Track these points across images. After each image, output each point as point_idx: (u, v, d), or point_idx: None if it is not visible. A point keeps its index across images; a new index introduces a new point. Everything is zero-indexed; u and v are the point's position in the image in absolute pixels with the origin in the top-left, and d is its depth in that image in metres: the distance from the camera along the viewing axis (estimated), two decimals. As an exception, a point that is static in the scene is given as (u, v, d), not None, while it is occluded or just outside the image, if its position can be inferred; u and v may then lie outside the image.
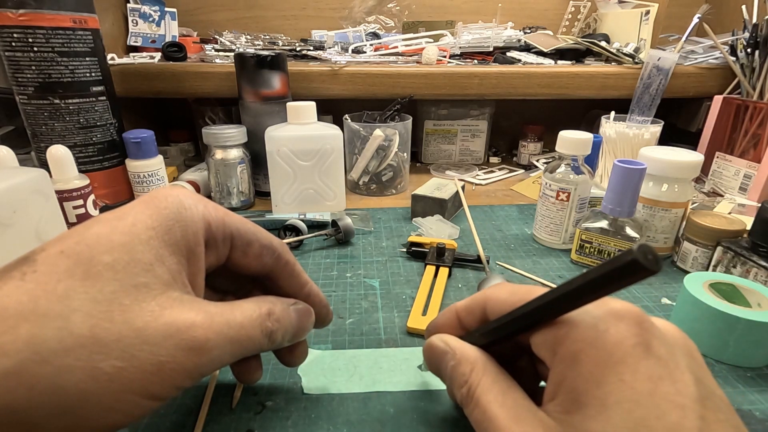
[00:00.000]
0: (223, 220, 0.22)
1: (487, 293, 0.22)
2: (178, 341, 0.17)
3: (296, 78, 0.65)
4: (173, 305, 0.18)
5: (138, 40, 0.78)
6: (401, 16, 0.87)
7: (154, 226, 0.19)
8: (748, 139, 0.61)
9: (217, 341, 0.19)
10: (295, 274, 0.25)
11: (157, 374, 0.17)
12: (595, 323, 0.17)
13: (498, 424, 0.18)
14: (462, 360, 0.21)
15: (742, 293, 0.34)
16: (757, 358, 0.30)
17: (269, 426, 0.26)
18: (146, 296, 0.18)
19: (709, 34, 0.69)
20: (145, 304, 0.17)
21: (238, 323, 0.20)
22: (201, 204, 0.21)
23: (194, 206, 0.21)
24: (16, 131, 0.70)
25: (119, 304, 0.17)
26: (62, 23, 0.44)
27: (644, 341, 0.16)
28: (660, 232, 0.44)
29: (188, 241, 0.20)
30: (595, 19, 0.87)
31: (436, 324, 0.25)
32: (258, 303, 0.22)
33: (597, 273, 0.16)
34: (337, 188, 0.56)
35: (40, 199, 0.39)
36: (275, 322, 0.22)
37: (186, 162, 0.78)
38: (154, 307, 0.17)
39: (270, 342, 0.22)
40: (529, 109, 0.88)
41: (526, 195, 0.66)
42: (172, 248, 0.19)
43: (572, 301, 0.17)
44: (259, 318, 0.21)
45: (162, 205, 0.20)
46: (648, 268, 0.14)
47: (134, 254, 0.18)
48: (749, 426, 0.26)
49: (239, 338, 0.20)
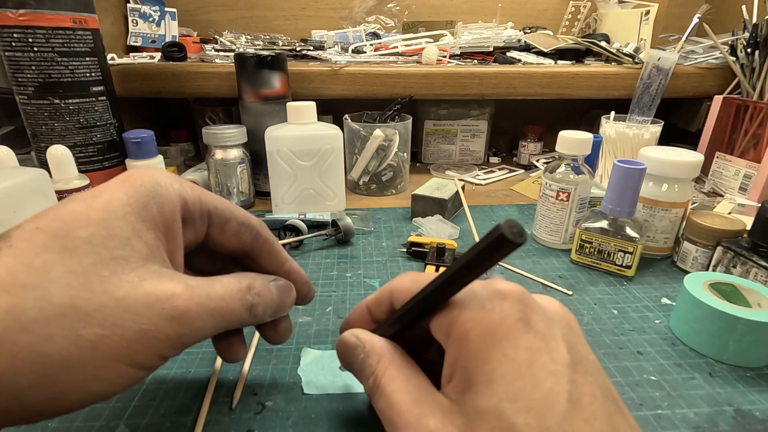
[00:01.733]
0: (200, 198, 0.22)
1: (392, 284, 0.23)
2: (159, 310, 0.18)
3: (296, 78, 0.65)
4: (152, 277, 0.18)
5: (138, 40, 0.78)
6: (401, 16, 0.87)
7: (130, 202, 0.19)
8: (748, 139, 0.61)
9: (198, 312, 0.19)
10: (275, 251, 0.25)
11: (140, 342, 0.17)
12: (482, 303, 0.18)
13: (399, 409, 0.18)
14: (371, 352, 0.21)
15: (742, 293, 0.34)
16: (757, 358, 0.30)
17: (269, 426, 0.26)
18: (125, 268, 0.18)
19: (709, 34, 0.69)
20: (124, 276, 0.18)
21: (218, 296, 0.20)
22: (177, 182, 0.21)
23: (170, 184, 0.21)
24: (16, 131, 0.70)
25: (98, 275, 0.17)
26: (62, 23, 0.44)
27: (525, 317, 0.17)
28: (660, 232, 0.44)
29: (165, 217, 0.20)
30: (595, 19, 0.87)
31: (348, 320, 0.26)
32: (238, 278, 0.22)
33: (472, 253, 0.17)
34: (337, 188, 0.56)
35: (40, 199, 0.39)
36: (255, 296, 0.22)
37: (186, 162, 0.78)
38: (133, 278, 0.18)
39: (251, 315, 0.22)
40: (529, 109, 0.88)
41: (526, 195, 0.66)
42: (149, 224, 0.19)
43: (456, 282, 0.18)
44: (240, 292, 0.21)
45: (137, 183, 0.20)
46: (514, 242, 0.15)
47: (111, 229, 0.18)
48: (749, 426, 0.26)
49: (220, 310, 0.20)
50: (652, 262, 0.45)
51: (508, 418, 0.16)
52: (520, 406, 0.16)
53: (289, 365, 0.30)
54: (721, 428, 0.26)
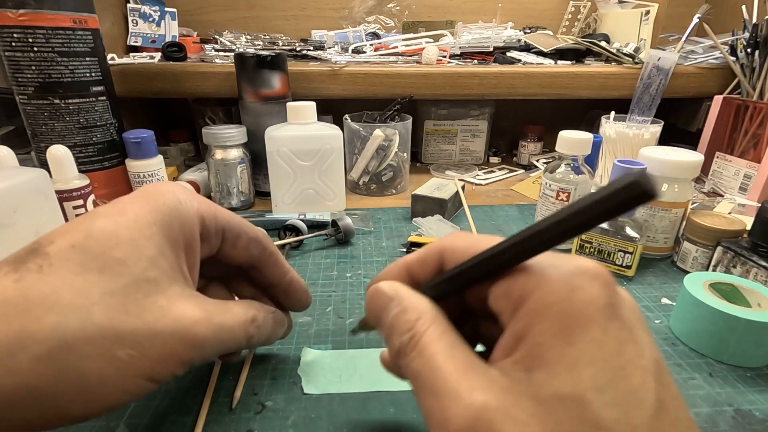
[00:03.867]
0: (215, 215, 0.23)
1: (443, 241, 0.20)
2: (182, 338, 0.19)
3: (296, 78, 0.65)
4: (178, 301, 0.20)
5: (138, 40, 0.78)
6: (401, 16, 0.87)
7: (155, 221, 0.20)
8: (748, 139, 0.61)
9: (211, 341, 0.21)
10: (279, 263, 0.27)
11: (161, 363, 0.19)
12: (568, 278, 0.16)
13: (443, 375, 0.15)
14: (409, 308, 0.18)
15: (742, 293, 0.34)
16: (757, 358, 0.30)
17: (269, 426, 0.26)
18: (155, 291, 0.19)
19: (709, 34, 0.69)
20: (154, 299, 0.19)
21: (229, 327, 0.22)
22: (195, 200, 0.23)
23: (189, 202, 0.22)
24: (16, 131, 0.70)
25: (133, 298, 0.18)
26: (62, 23, 0.44)
27: (612, 303, 0.16)
28: (660, 232, 0.44)
29: (186, 236, 0.21)
30: (595, 19, 0.87)
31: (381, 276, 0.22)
32: (245, 308, 0.24)
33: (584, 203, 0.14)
34: (337, 188, 0.56)
35: (40, 199, 0.39)
36: (256, 328, 0.24)
37: (186, 162, 0.78)
38: (162, 302, 0.19)
39: (247, 344, 0.24)
40: (529, 109, 0.88)
41: (526, 195, 0.66)
42: (172, 243, 0.21)
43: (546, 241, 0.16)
44: (245, 323, 0.23)
45: (160, 201, 0.21)
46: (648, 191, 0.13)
47: (141, 249, 0.19)
48: (749, 426, 0.26)
49: (227, 339, 0.22)
50: (652, 262, 0.45)
51: (595, 410, 0.14)
52: (608, 398, 0.14)
53: (289, 365, 0.30)
54: (721, 428, 0.26)
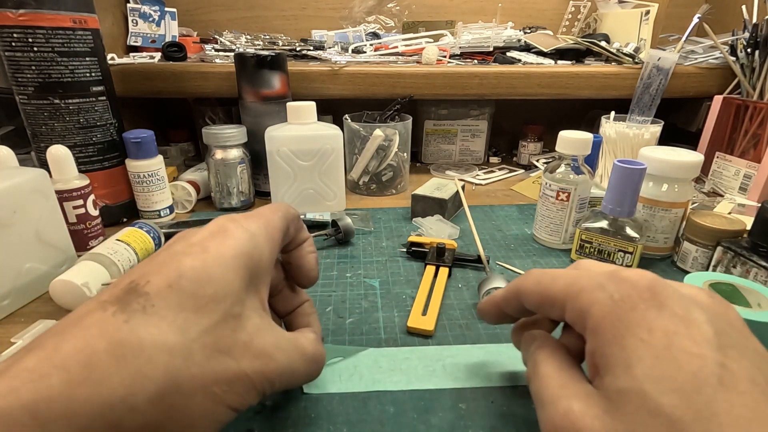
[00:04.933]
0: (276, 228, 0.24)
1: (519, 286, 0.24)
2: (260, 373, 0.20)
3: (296, 78, 0.65)
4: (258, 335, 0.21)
5: (138, 40, 0.78)
6: (401, 16, 0.87)
7: (236, 255, 0.21)
8: (748, 139, 0.61)
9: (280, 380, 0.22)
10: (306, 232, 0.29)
11: (244, 396, 0.20)
12: (610, 294, 0.19)
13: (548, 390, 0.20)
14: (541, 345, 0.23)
15: (742, 293, 0.34)
16: (757, 358, 0.30)
17: (269, 426, 0.26)
18: (240, 326, 0.20)
19: (709, 34, 0.69)
20: (239, 335, 0.20)
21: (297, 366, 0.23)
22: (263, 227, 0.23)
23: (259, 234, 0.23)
24: (16, 131, 0.70)
25: (223, 334, 0.19)
26: (62, 23, 0.44)
27: (657, 303, 0.18)
28: (660, 232, 0.44)
29: (261, 267, 0.22)
30: (595, 19, 0.87)
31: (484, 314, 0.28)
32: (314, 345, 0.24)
33: None
34: (337, 188, 0.56)
35: (40, 199, 0.39)
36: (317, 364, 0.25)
37: (186, 162, 0.78)
38: (245, 338, 0.20)
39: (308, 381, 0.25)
40: (529, 109, 0.88)
41: (526, 195, 0.66)
42: (251, 274, 0.22)
43: None
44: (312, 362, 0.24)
45: (236, 235, 0.22)
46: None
47: (228, 285, 0.20)
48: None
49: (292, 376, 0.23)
50: (652, 262, 0.45)
51: (654, 398, 0.16)
52: (664, 387, 0.16)
53: (289, 365, 0.30)
54: (721, 428, 0.26)
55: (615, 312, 0.18)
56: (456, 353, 0.32)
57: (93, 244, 0.46)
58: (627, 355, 0.17)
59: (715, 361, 0.16)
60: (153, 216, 0.54)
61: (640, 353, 0.17)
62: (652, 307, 0.18)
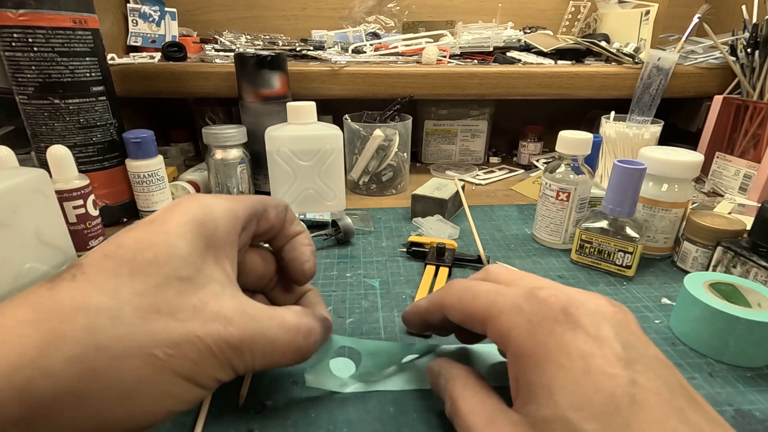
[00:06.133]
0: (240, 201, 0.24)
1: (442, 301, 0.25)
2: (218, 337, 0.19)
3: (296, 78, 0.65)
4: (215, 300, 0.19)
5: (138, 40, 0.78)
6: (401, 16, 0.87)
7: (183, 222, 0.20)
8: (748, 139, 0.61)
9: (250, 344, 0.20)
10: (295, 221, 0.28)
11: (200, 363, 0.18)
12: (528, 318, 0.19)
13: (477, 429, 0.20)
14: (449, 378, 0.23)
15: (742, 293, 0.34)
16: (757, 358, 0.30)
17: (269, 426, 0.26)
18: (188, 289, 0.19)
19: (709, 34, 0.69)
20: (188, 298, 0.19)
21: (272, 334, 0.21)
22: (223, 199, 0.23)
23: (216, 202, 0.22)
24: (16, 131, 0.70)
25: (164, 296, 0.18)
26: (62, 23, 0.44)
27: (572, 325, 0.18)
28: (660, 232, 0.44)
29: (218, 235, 0.21)
30: (595, 19, 0.87)
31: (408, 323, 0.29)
32: (297, 315, 0.22)
33: None
34: (337, 188, 0.56)
35: (40, 199, 0.39)
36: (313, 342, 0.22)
37: (186, 162, 0.78)
38: (196, 301, 0.19)
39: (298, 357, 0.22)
40: (529, 109, 0.88)
41: (526, 195, 0.66)
42: (206, 242, 0.20)
43: None
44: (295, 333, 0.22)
45: (186, 205, 0.21)
46: None
47: (173, 249, 0.19)
48: (749, 426, 0.26)
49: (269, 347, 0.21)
50: (652, 262, 0.45)
51: (577, 426, 0.16)
52: (585, 414, 0.16)
53: (289, 365, 0.30)
54: (721, 428, 0.26)
55: (534, 338, 0.19)
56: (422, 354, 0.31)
57: (93, 244, 0.46)
58: (548, 382, 0.17)
59: (627, 379, 0.17)
60: (153, 216, 0.54)
61: (561, 380, 0.17)
62: (567, 330, 0.18)
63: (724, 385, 0.29)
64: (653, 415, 0.16)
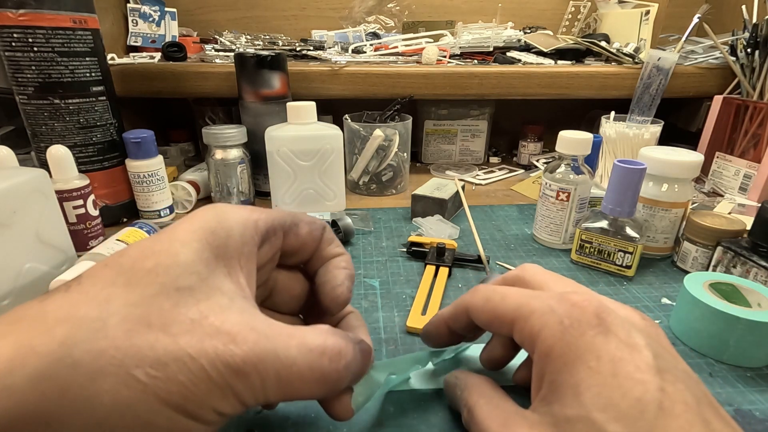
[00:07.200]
0: (264, 212, 0.22)
1: (467, 302, 0.24)
2: (215, 358, 0.16)
3: (296, 78, 0.65)
4: (218, 313, 0.17)
5: (138, 40, 0.78)
6: (401, 16, 0.87)
7: (192, 229, 0.18)
8: (748, 139, 0.61)
9: (258, 369, 0.16)
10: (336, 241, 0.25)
11: (191, 389, 0.15)
12: (560, 319, 0.19)
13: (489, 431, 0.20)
14: (465, 387, 0.24)
15: (742, 293, 0.34)
16: (757, 358, 0.30)
17: (269, 426, 0.26)
18: (187, 301, 0.16)
19: (709, 34, 0.69)
20: (185, 310, 0.16)
21: (290, 356, 0.17)
22: (242, 209, 0.21)
23: (232, 210, 0.20)
24: (16, 131, 0.70)
25: (158, 308, 0.16)
26: (62, 23, 0.44)
27: (604, 329, 0.19)
28: (660, 232, 0.44)
29: (230, 244, 0.19)
30: (595, 19, 0.87)
31: (428, 332, 0.28)
32: (323, 335, 0.19)
33: None
34: (337, 188, 0.56)
35: (40, 199, 0.39)
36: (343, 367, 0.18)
37: (186, 162, 0.78)
38: (194, 314, 0.16)
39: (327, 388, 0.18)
40: (529, 109, 0.88)
41: (526, 195, 0.66)
42: (217, 252, 0.18)
43: None
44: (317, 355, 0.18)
45: (200, 215, 0.19)
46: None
47: (174, 257, 0.17)
48: (749, 426, 0.26)
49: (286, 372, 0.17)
50: (652, 262, 0.45)
51: (601, 426, 0.16)
52: (611, 415, 0.16)
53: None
54: (721, 428, 0.26)
55: (565, 338, 0.19)
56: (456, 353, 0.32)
57: (93, 244, 0.46)
58: (576, 382, 0.17)
59: (656, 386, 0.17)
60: (153, 216, 0.54)
61: (589, 381, 0.17)
62: (599, 334, 0.18)
63: (724, 385, 0.29)
64: (678, 423, 0.16)
